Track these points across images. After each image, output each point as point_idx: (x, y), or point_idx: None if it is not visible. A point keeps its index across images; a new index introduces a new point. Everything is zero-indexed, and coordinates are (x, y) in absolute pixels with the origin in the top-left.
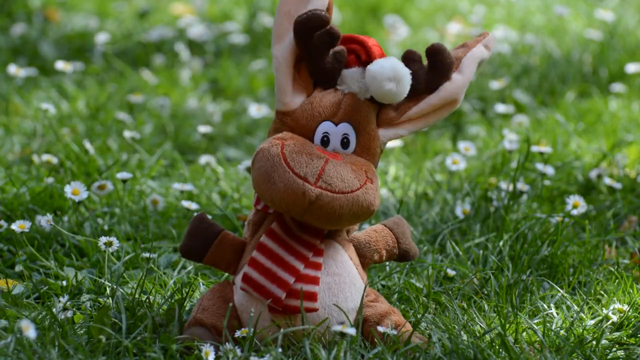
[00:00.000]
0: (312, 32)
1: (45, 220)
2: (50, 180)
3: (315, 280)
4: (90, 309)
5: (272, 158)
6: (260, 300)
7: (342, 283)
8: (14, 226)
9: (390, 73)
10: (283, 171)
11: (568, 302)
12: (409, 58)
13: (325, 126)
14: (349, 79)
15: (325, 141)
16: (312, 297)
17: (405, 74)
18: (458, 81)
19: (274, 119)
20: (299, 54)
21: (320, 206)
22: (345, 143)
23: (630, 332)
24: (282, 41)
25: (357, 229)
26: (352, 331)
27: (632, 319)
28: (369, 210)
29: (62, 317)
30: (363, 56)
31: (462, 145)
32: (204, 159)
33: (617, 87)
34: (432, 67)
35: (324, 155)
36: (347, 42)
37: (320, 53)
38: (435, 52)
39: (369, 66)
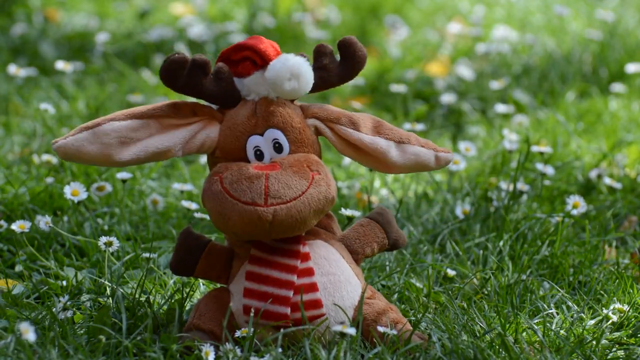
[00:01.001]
0: (179, 75)
1: (44, 222)
2: (50, 180)
3: (313, 287)
4: (90, 309)
5: (216, 196)
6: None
7: (337, 282)
8: (14, 226)
9: (287, 73)
10: (231, 204)
11: (568, 302)
12: (319, 52)
13: (253, 141)
14: (253, 86)
15: (259, 155)
16: (317, 304)
17: (302, 66)
18: (392, 152)
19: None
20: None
21: (281, 221)
22: (278, 147)
23: (630, 332)
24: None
25: (338, 225)
26: (352, 331)
27: (632, 319)
28: (328, 200)
29: (62, 317)
30: (258, 61)
31: (462, 145)
32: (203, 159)
33: (617, 87)
34: (344, 59)
35: (262, 172)
36: (239, 50)
37: (199, 85)
38: (347, 45)
39: (265, 73)
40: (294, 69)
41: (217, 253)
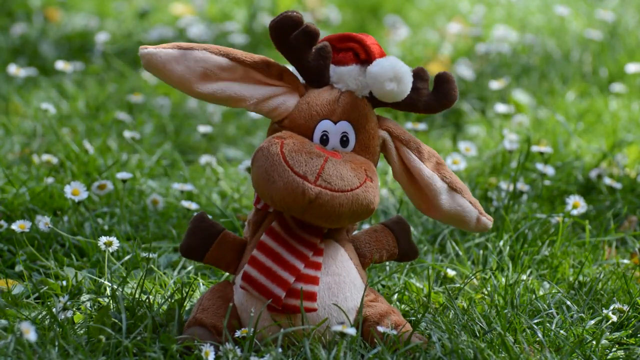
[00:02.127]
0: (288, 34)
1: (43, 223)
2: (50, 180)
3: (315, 280)
4: (90, 309)
5: (271, 157)
6: (261, 300)
7: (342, 283)
8: (14, 226)
9: (391, 73)
10: (282, 170)
11: (568, 302)
12: (418, 76)
13: (324, 125)
14: (347, 76)
15: (324, 140)
16: (312, 297)
17: (406, 73)
18: (442, 195)
19: (271, 122)
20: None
21: (320, 205)
22: (344, 141)
23: (630, 332)
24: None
25: (357, 228)
26: (352, 331)
27: (632, 319)
28: (369, 208)
29: (62, 317)
30: (362, 55)
31: (462, 145)
32: (204, 159)
33: (617, 87)
34: (436, 92)
35: (324, 153)
36: (345, 40)
37: (301, 52)
38: (444, 80)
39: (369, 67)
40: (398, 72)
41: (229, 242)
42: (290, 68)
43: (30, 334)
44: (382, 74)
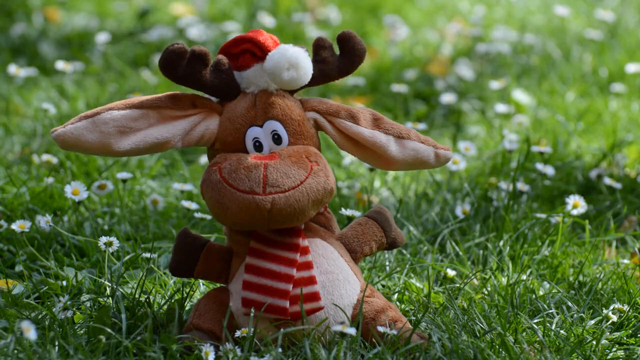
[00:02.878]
0: (179, 66)
1: (44, 222)
2: (50, 180)
3: (312, 280)
4: (90, 309)
5: (215, 185)
6: (267, 318)
7: (335, 280)
8: (14, 226)
9: (285, 63)
10: (230, 193)
11: (568, 302)
12: (319, 45)
13: (252, 132)
14: (253, 78)
15: (258, 146)
16: (315, 297)
17: (299, 56)
18: (391, 146)
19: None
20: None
21: (279, 210)
22: (277, 139)
23: (630, 332)
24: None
25: (336, 222)
26: (352, 331)
27: (632, 319)
28: (327, 190)
29: (62, 317)
30: (258, 52)
31: (462, 145)
32: (204, 159)
33: (617, 87)
34: (343, 53)
35: (260, 161)
36: (239, 43)
37: (199, 77)
38: (346, 39)
39: (264, 64)
40: (292, 59)
41: (215, 253)
42: (200, 92)
43: (31, 333)
44: (277, 66)
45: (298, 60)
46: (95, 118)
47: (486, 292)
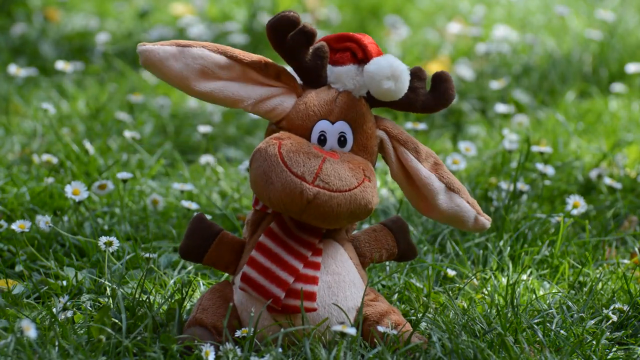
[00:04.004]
0: (285, 34)
1: (44, 222)
2: (50, 180)
3: (314, 280)
4: (90, 309)
5: (269, 158)
6: (260, 300)
7: (341, 282)
8: (14, 226)
9: (388, 72)
10: (280, 170)
11: (568, 302)
12: (416, 75)
13: (322, 125)
14: (344, 76)
15: (322, 140)
16: (311, 296)
17: (403, 71)
18: (440, 195)
19: (269, 123)
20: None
21: (318, 205)
22: (342, 141)
23: (630, 332)
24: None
25: (356, 228)
26: (352, 331)
27: (632, 319)
28: (367, 208)
29: (62, 317)
30: (359, 54)
31: (462, 145)
32: (204, 159)
33: (617, 87)
34: (433, 91)
35: (321, 154)
36: (343, 40)
37: (298, 52)
38: (442, 80)
39: (366, 66)
40: (396, 71)
41: (228, 243)
42: (288, 69)
43: (31, 332)
44: (379, 72)
45: (401, 74)
46: (186, 49)
47: (486, 292)
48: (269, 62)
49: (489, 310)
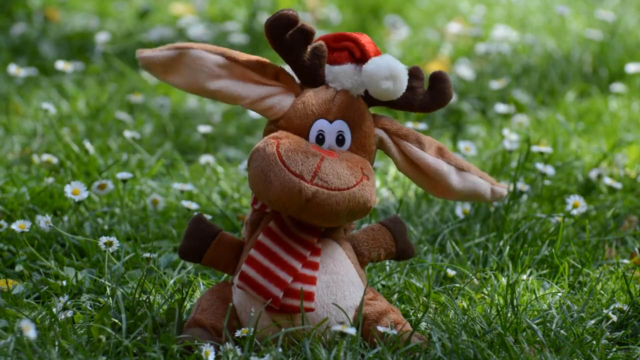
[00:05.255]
0: (283, 32)
1: (44, 222)
2: (50, 180)
3: (312, 280)
4: (90, 309)
5: (267, 157)
6: (260, 300)
7: (340, 281)
8: (14, 226)
9: (386, 72)
10: (279, 170)
11: (568, 302)
12: (414, 75)
13: (320, 124)
14: (342, 75)
15: (320, 139)
16: (309, 296)
17: (402, 71)
18: (452, 176)
19: (267, 122)
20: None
21: (317, 203)
22: (340, 140)
23: (630, 332)
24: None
25: (354, 227)
26: (352, 331)
27: (632, 319)
28: (366, 206)
29: (62, 317)
30: (357, 53)
31: (462, 145)
32: (204, 159)
33: (617, 87)
34: (431, 91)
35: (320, 152)
36: (341, 39)
37: (296, 51)
38: (439, 79)
39: (364, 65)
40: (394, 71)
41: (227, 243)
42: (286, 68)
43: (31, 332)
44: (377, 72)
45: (399, 74)
46: (185, 51)
47: (486, 292)
48: (267, 63)
49: (489, 310)
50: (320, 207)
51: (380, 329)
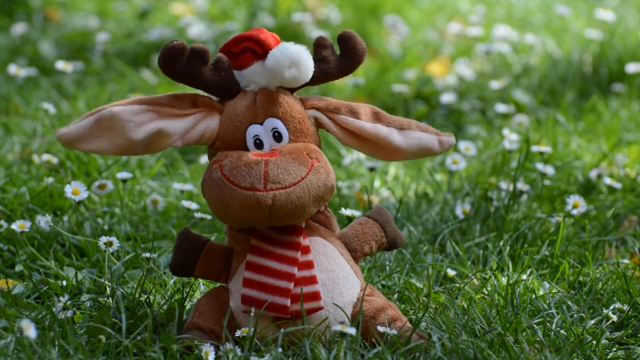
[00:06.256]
0: (177, 63)
1: (44, 222)
2: (50, 180)
3: (313, 280)
4: (90, 309)
5: (216, 183)
6: (267, 317)
7: (335, 279)
8: (14, 226)
9: (286, 61)
10: (231, 190)
11: (568, 302)
12: (320, 44)
13: (253, 130)
14: (253, 76)
15: (259, 144)
16: (316, 296)
17: (301, 55)
18: (394, 137)
19: (206, 149)
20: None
21: (280, 206)
22: (277, 137)
23: (630, 332)
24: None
25: (337, 228)
26: (352, 331)
27: (632, 319)
28: (327, 187)
29: (62, 317)
30: (259, 50)
31: (462, 145)
32: (204, 159)
33: (617, 87)
34: (343, 53)
35: (261, 158)
36: (239, 42)
37: (198, 74)
38: (347, 39)
39: (265, 62)
40: (293, 57)
41: (216, 252)
42: (201, 92)
43: (31, 331)
44: (278, 64)
45: (300, 59)
46: (100, 114)
47: (486, 292)
48: (179, 95)
49: (489, 310)
50: (284, 208)
51: (380, 328)
